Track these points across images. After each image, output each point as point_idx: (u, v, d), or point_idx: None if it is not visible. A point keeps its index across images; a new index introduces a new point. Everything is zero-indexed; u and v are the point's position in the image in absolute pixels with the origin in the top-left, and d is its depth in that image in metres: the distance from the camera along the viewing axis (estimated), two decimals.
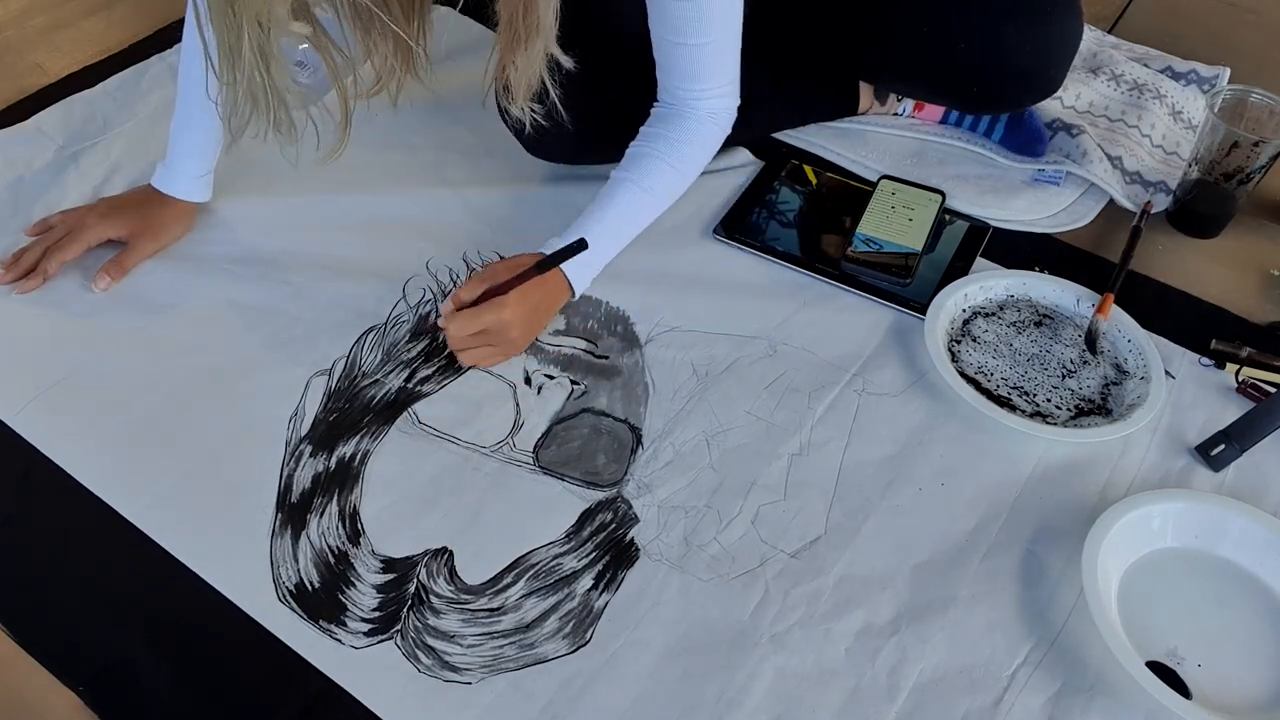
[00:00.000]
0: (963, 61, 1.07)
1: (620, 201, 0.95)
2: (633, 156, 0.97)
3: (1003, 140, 1.17)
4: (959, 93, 1.13)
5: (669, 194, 0.99)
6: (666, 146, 0.97)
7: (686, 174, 0.99)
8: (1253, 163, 1.02)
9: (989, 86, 1.09)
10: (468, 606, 0.78)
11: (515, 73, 0.87)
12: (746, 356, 0.96)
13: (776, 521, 0.83)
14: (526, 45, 0.84)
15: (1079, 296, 1.00)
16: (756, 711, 0.73)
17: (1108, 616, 0.75)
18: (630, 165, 0.97)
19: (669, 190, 0.99)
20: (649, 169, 0.96)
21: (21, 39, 1.34)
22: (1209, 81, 1.25)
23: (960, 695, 0.74)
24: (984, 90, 1.10)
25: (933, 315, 0.97)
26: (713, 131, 0.99)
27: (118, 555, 0.81)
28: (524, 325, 0.92)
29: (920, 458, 0.88)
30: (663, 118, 0.98)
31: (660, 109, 0.99)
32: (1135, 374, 0.93)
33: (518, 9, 0.82)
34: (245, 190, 1.12)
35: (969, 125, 1.19)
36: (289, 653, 0.75)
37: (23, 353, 0.95)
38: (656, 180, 0.97)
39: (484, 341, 0.91)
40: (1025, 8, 1.04)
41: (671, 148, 0.97)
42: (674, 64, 0.95)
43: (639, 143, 0.98)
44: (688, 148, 0.97)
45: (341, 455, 0.87)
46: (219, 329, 0.98)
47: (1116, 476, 0.87)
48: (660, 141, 0.97)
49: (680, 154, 0.97)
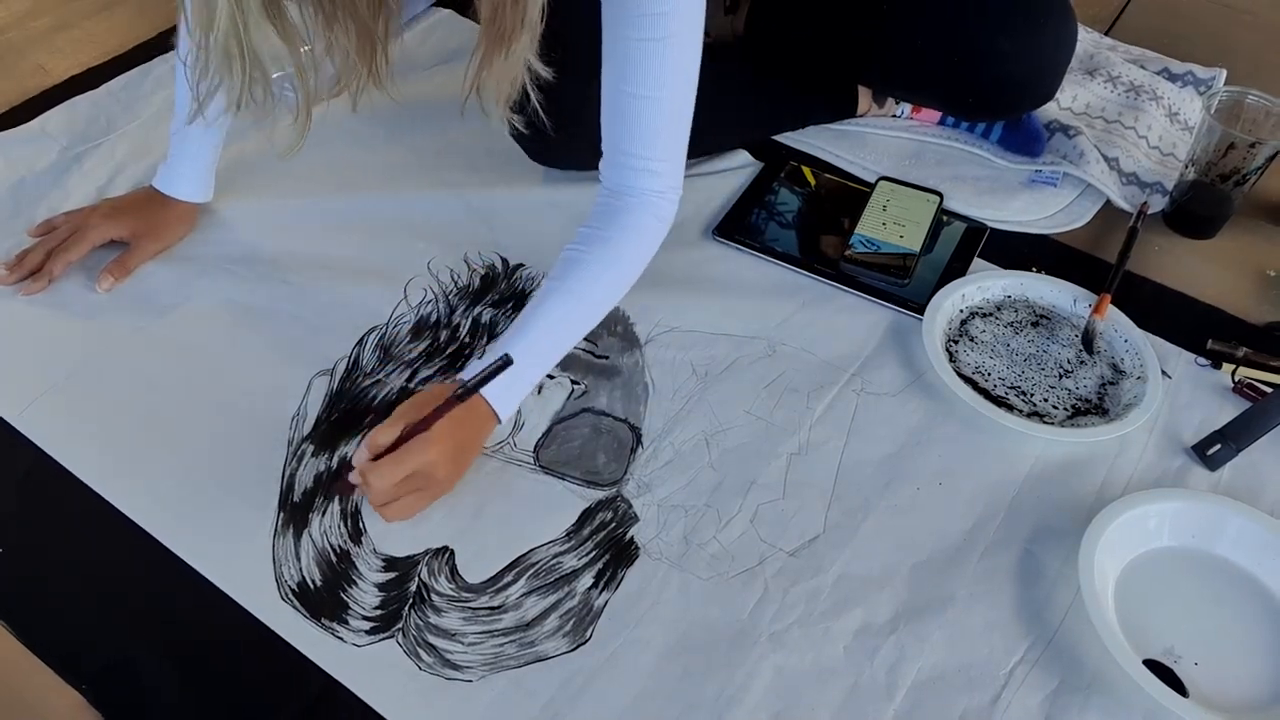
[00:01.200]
0: (960, 72, 1.07)
1: (549, 312, 0.86)
2: (564, 261, 0.89)
3: (1001, 140, 1.17)
4: (956, 101, 1.14)
5: (605, 298, 0.90)
6: (602, 248, 0.88)
7: (624, 274, 0.90)
8: (1249, 164, 1.02)
9: (985, 96, 1.10)
10: (469, 605, 0.78)
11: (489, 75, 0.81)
12: (746, 356, 0.96)
13: (775, 520, 0.84)
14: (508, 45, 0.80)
15: (1076, 297, 1.00)
16: (756, 710, 0.73)
17: (1105, 615, 0.75)
18: (562, 271, 0.88)
19: (605, 295, 0.90)
20: (581, 274, 0.87)
21: (24, 40, 1.34)
22: (1205, 83, 1.25)
23: (958, 693, 0.74)
24: (980, 99, 1.11)
25: (930, 316, 0.97)
26: (651, 225, 0.90)
27: (120, 554, 0.81)
28: (450, 462, 0.81)
29: (918, 457, 0.88)
30: (598, 214, 0.90)
31: (597, 204, 0.91)
32: (1132, 374, 0.94)
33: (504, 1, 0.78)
34: (246, 190, 1.12)
35: (966, 126, 1.20)
36: (291, 651, 0.75)
37: (25, 353, 0.96)
38: (590, 286, 0.88)
39: (411, 488, 0.80)
40: (1019, 18, 1.05)
41: (607, 248, 0.88)
42: (618, 117, 0.87)
43: (572, 245, 0.89)
44: (625, 247, 0.89)
45: (343, 455, 0.88)
46: (221, 329, 0.98)
47: (1113, 476, 0.87)
48: (595, 243, 0.88)
49: (617, 254, 0.89)
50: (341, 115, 1.22)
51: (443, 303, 1.00)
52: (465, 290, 1.02)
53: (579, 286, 0.87)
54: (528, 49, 0.81)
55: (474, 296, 1.01)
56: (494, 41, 0.80)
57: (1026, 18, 1.05)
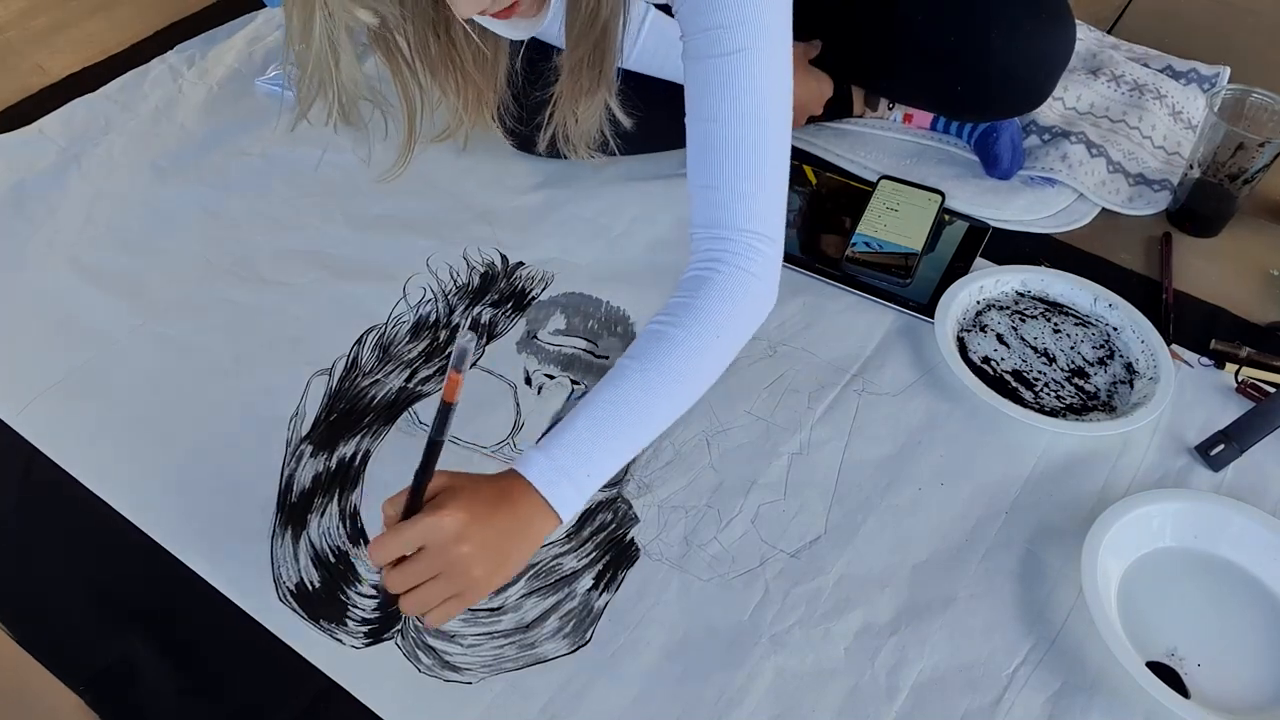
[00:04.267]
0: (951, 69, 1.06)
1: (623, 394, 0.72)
2: (645, 335, 0.75)
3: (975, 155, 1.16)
4: (946, 98, 1.13)
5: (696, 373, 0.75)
6: (687, 315, 0.74)
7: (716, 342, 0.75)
8: (1254, 162, 1.02)
9: (976, 94, 1.09)
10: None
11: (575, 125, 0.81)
12: (746, 357, 0.96)
13: (776, 521, 0.84)
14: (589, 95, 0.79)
15: (1096, 295, 1.00)
16: (756, 711, 0.73)
17: (1107, 616, 0.75)
18: (639, 348, 0.74)
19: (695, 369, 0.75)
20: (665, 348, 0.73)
21: (23, 39, 1.34)
22: (1209, 80, 1.25)
23: (960, 695, 0.74)
24: (971, 97, 1.09)
25: (944, 306, 0.98)
26: (744, 281, 0.75)
27: (118, 555, 0.81)
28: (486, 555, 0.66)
29: (920, 458, 0.88)
30: (684, 284, 0.77)
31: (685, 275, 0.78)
32: (1145, 374, 0.93)
33: (584, 59, 0.76)
34: (246, 190, 1.12)
35: (955, 131, 1.18)
36: (289, 653, 0.75)
37: (24, 353, 0.95)
38: (676, 360, 0.73)
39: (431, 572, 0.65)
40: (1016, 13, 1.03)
41: (693, 315, 0.74)
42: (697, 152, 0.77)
43: (655, 319, 0.76)
44: (717, 311, 0.75)
45: (342, 455, 0.87)
46: (219, 329, 0.98)
47: (1116, 476, 0.87)
48: (680, 311, 0.75)
49: (707, 319, 0.74)
50: None
51: (442, 302, 1.00)
52: (465, 289, 1.01)
53: (661, 362, 0.73)
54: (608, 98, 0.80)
55: (474, 296, 1.01)
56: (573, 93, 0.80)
57: (1024, 13, 1.03)
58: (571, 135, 0.84)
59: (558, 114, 0.83)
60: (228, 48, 1.32)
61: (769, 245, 0.77)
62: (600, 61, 0.77)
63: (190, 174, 1.14)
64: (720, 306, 0.75)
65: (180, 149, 1.17)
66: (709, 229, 0.77)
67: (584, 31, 0.75)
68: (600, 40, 0.76)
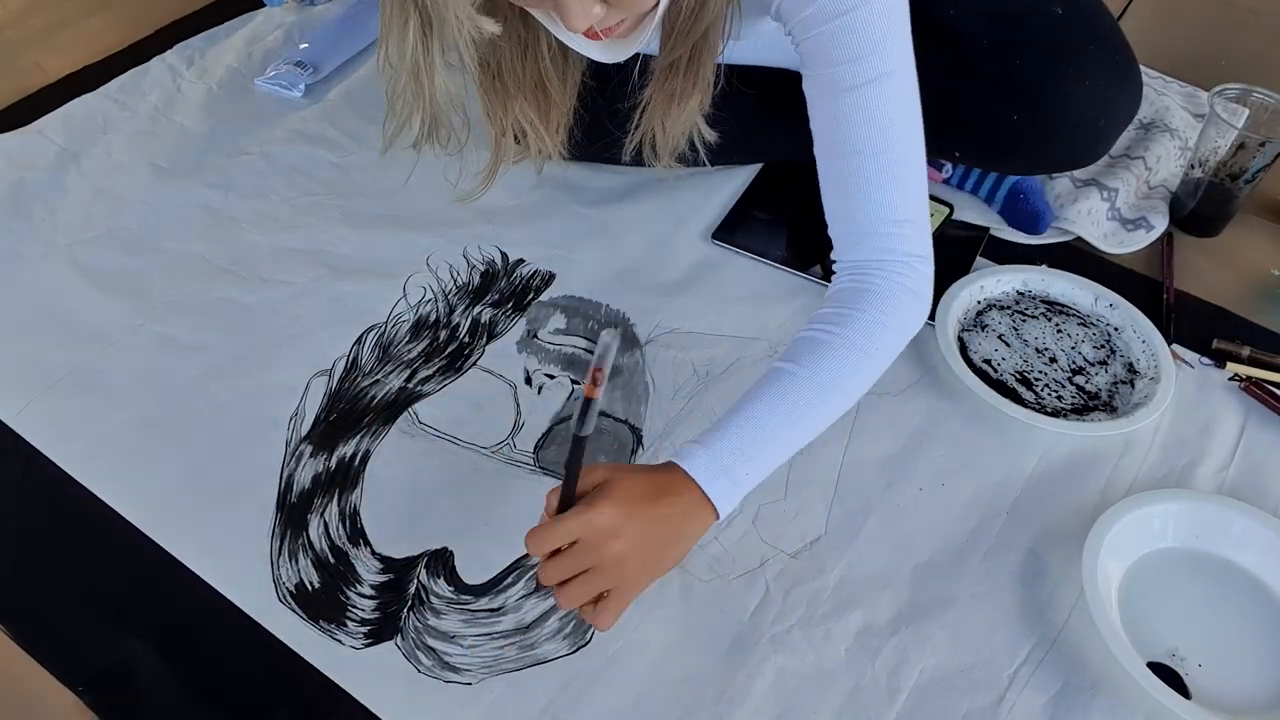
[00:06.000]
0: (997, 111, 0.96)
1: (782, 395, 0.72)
2: (802, 340, 0.76)
3: (1003, 213, 1.09)
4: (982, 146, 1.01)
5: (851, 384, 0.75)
6: (847, 326, 0.75)
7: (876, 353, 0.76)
8: (1255, 161, 1.02)
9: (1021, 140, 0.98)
10: (468, 607, 0.78)
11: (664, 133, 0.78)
12: (747, 357, 0.96)
13: (776, 521, 0.83)
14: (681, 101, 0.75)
15: (1097, 295, 0.99)
16: (756, 712, 0.72)
17: (1108, 616, 0.75)
18: (794, 352, 0.75)
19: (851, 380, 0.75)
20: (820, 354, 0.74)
21: (21, 39, 1.34)
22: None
23: (961, 695, 0.74)
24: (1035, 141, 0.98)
25: (945, 305, 0.97)
26: (900, 297, 0.76)
27: (117, 555, 0.81)
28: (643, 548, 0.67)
29: (921, 457, 0.88)
30: (836, 295, 0.78)
31: (832, 288, 0.79)
32: (1146, 374, 0.93)
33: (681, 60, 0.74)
34: (246, 190, 1.12)
35: (971, 188, 1.12)
36: (289, 653, 0.75)
37: (23, 353, 0.95)
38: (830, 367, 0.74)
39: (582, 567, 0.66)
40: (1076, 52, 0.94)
41: (852, 326, 0.75)
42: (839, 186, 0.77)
43: (810, 326, 0.77)
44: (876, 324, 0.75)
45: (342, 455, 0.87)
46: (219, 328, 0.97)
47: (1117, 476, 0.87)
48: (840, 322, 0.75)
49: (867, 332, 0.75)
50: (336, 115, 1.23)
51: (442, 302, 1.00)
52: (465, 289, 1.01)
53: (819, 369, 0.73)
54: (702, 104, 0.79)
55: (474, 295, 1.01)
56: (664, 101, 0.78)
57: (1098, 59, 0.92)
58: (658, 144, 0.82)
59: (645, 121, 0.80)
60: (227, 47, 1.32)
61: (925, 264, 0.78)
62: (698, 65, 0.75)
63: (190, 174, 1.14)
64: (881, 319, 0.75)
65: (180, 148, 1.17)
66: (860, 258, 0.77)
67: (684, 33, 0.73)
68: (700, 43, 0.74)
